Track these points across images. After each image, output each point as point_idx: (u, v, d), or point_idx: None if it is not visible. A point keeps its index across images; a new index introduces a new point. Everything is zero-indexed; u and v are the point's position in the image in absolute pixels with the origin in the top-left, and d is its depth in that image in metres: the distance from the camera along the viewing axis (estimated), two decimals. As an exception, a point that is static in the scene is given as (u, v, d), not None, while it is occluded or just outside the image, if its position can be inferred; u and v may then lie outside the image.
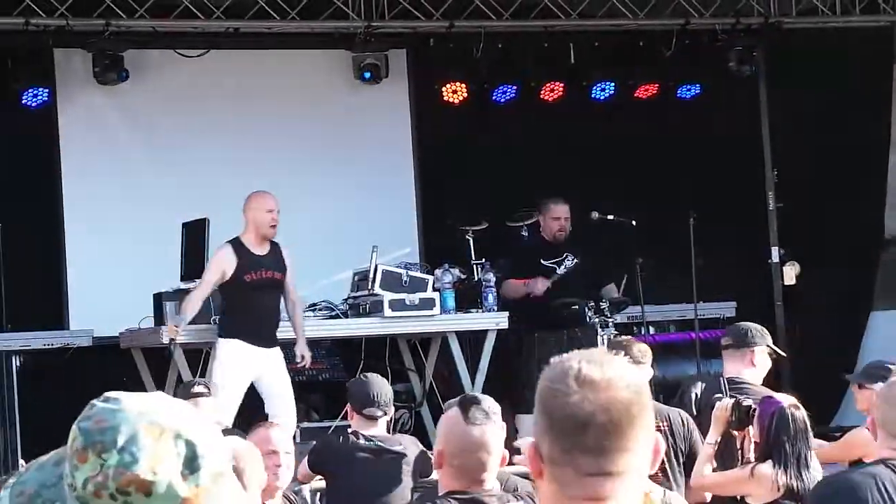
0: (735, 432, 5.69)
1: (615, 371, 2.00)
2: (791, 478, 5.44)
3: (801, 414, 5.59)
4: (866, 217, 11.55)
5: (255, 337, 8.44)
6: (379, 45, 10.62)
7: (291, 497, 5.58)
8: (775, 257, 11.24)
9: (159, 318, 8.98)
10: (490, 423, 3.86)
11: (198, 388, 6.88)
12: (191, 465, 1.53)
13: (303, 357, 8.68)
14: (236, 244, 8.51)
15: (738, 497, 5.72)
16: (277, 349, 8.57)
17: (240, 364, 8.38)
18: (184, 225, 9.35)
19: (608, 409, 1.96)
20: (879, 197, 11.61)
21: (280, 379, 8.48)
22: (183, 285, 9.08)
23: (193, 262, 9.11)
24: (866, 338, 11.13)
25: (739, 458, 5.60)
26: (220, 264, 8.47)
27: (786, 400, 5.72)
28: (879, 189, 11.60)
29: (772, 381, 7.51)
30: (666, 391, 8.35)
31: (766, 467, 5.51)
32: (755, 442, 5.59)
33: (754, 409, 5.62)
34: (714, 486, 5.81)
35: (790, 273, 11.00)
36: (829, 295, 11.13)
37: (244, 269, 8.45)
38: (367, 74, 10.59)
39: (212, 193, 10.07)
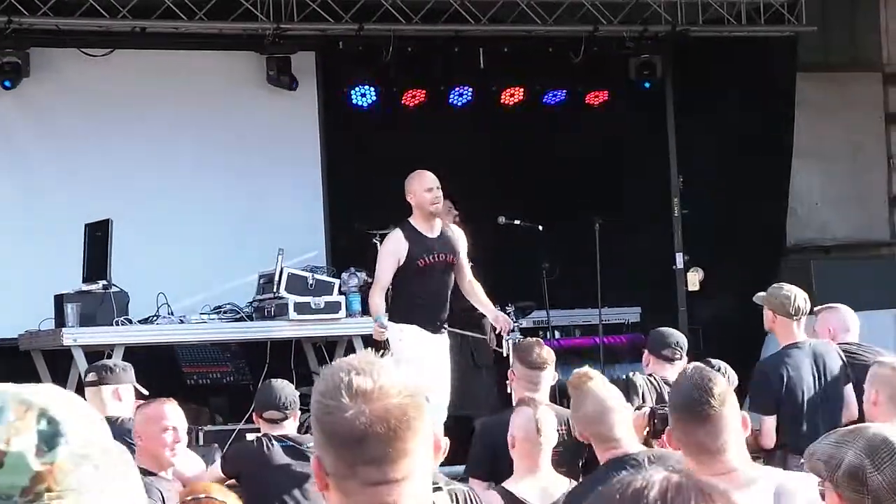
0: (654, 441, 5.73)
1: (386, 378, 1.99)
2: None
3: None
4: (769, 224, 11.71)
5: (427, 322, 8.20)
6: (288, 46, 10.58)
7: None
8: (679, 263, 11.35)
9: (60, 319, 8.86)
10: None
11: (89, 377, 6.65)
12: (49, 441, 1.53)
13: (496, 319, 8.26)
14: (407, 228, 8.24)
15: None
16: (445, 335, 8.30)
17: (421, 348, 8.08)
18: (86, 226, 9.24)
19: (385, 419, 1.97)
20: (782, 204, 11.78)
21: (444, 368, 8.23)
22: (85, 287, 8.96)
23: (96, 263, 9.00)
24: (767, 344, 11.28)
25: None
26: (395, 252, 8.19)
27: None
28: (782, 197, 11.77)
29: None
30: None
31: None
32: None
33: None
34: None
35: (694, 279, 11.12)
36: (731, 301, 11.26)
37: (416, 255, 8.16)
38: (294, 85, 10.54)
39: (116, 195, 9.97)
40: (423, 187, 8.21)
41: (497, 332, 8.33)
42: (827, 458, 2.86)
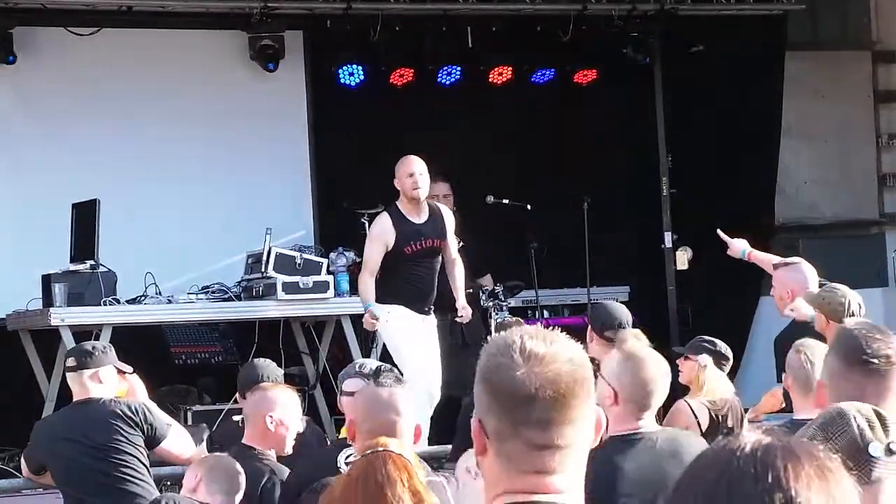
0: None
1: (557, 346, 2.02)
2: None
3: None
4: (757, 203, 11.70)
5: (414, 304, 8.25)
6: (275, 25, 10.53)
7: None
8: (668, 242, 11.34)
9: (48, 299, 8.83)
10: (399, 387, 3.87)
11: (68, 362, 6.61)
12: None
13: (464, 308, 8.34)
14: (394, 213, 8.30)
15: None
16: (433, 317, 8.35)
17: (410, 325, 8.15)
18: (74, 206, 9.21)
19: (555, 382, 1.98)
20: (770, 183, 11.77)
21: (434, 348, 8.25)
22: (72, 266, 8.94)
23: (83, 243, 8.97)
24: (756, 322, 11.30)
25: None
26: (382, 237, 8.25)
27: None
28: (771, 176, 11.77)
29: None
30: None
31: None
32: None
33: None
34: None
35: (682, 258, 11.11)
36: (720, 280, 11.26)
37: (403, 241, 8.22)
38: (271, 65, 10.50)
39: (103, 174, 9.93)
40: (406, 172, 8.26)
41: (457, 317, 8.37)
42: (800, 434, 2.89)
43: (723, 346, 6.80)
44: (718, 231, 7.63)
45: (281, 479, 5.40)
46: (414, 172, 8.24)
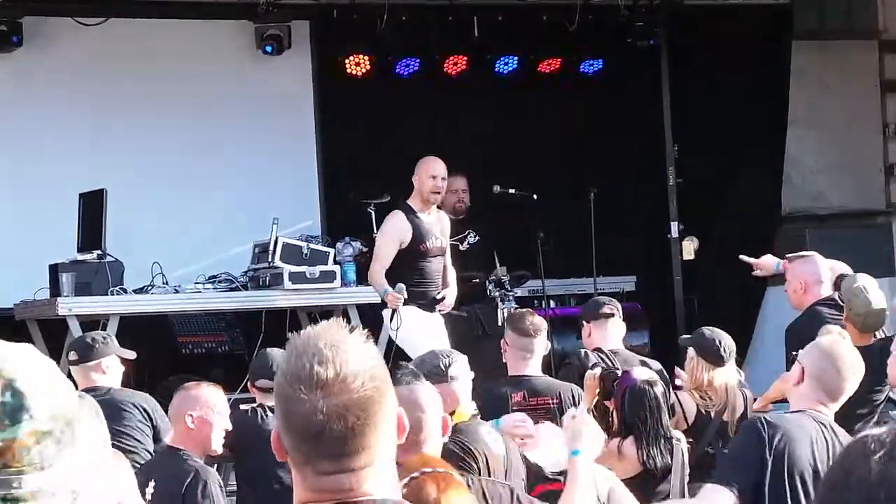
0: (606, 402, 5.76)
1: (350, 366, 1.90)
2: (648, 456, 5.51)
3: (657, 390, 5.65)
4: (764, 193, 11.70)
5: (424, 300, 8.31)
6: (282, 15, 10.54)
7: None
8: (674, 232, 11.35)
9: (55, 289, 8.85)
10: (419, 383, 3.85)
11: (71, 356, 6.67)
12: (12, 416, 1.49)
13: (445, 302, 8.39)
14: (407, 210, 8.36)
15: None
16: (438, 315, 8.41)
17: (424, 325, 8.19)
18: (81, 195, 9.22)
19: (343, 416, 1.89)
20: (777, 174, 11.77)
21: (445, 343, 8.23)
22: (80, 256, 8.96)
23: (90, 232, 8.99)
24: (762, 313, 11.29)
25: (610, 428, 5.65)
26: (397, 233, 8.31)
27: (642, 375, 5.78)
28: (777, 166, 11.76)
29: (672, 354, 7.61)
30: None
31: (629, 445, 5.56)
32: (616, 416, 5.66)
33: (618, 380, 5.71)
34: None
35: (689, 248, 11.12)
36: (726, 270, 11.26)
37: (419, 238, 8.31)
38: (269, 48, 10.51)
39: (111, 164, 9.95)
40: (429, 174, 8.33)
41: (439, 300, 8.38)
42: None
43: (718, 341, 6.54)
44: (741, 257, 7.60)
45: (206, 479, 5.35)
46: (437, 175, 8.35)
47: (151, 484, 5.35)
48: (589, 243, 10.28)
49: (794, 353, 4.76)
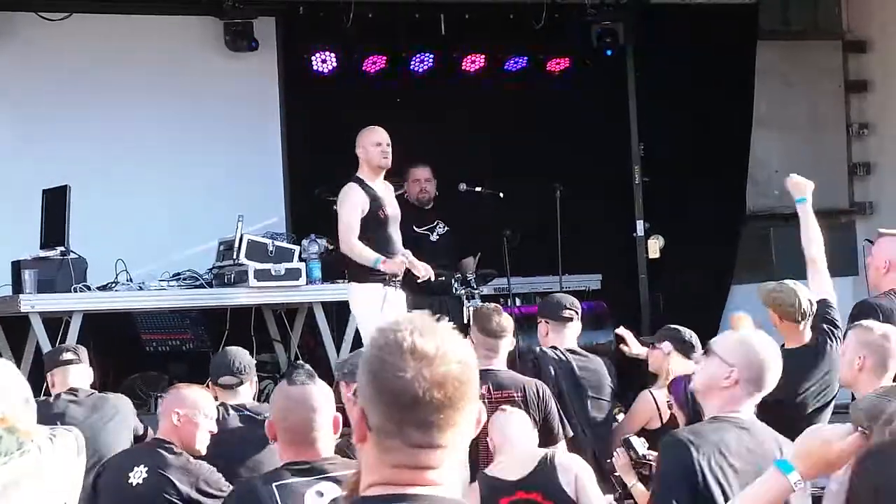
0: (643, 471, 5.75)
1: (448, 344, 2.01)
2: None
3: None
4: (729, 192, 11.75)
5: (386, 277, 8.13)
6: (248, 11, 10.50)
7: None
8: (640, 231, 11.38)
9: (17, 286, 8.79)
10: (312, 383, 3.93)
11: (67, 356, 6.82)
12: None
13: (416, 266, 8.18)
14: (359, 181, 8.28)
15: None
16: (401, 292, 8.24)
17: (384, 308, 8.00)
18: (44, 192, 9.16)
19: (442, 385, 1.98)
20: (741, 173, 11.82)
21: None
22: (42, 253, 8.89)
23: (53, 229, 8.93)
24: (727, 311, 11.33)
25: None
26: (358, 201, 8.21)
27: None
28: (742, 165, 11.81)
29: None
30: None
31: None
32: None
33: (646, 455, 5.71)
34: None
35: (654, 246, 11.15)
36: (691, 269, 11.31)
37: (376, 207, 8.21)
38: (244, 51, 10.49)
39: (74, 160, 9.89)
40: (373, 142, 8.28)
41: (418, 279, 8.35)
42: (875, 412, 2.96)
43: (688, 334, 6.81)
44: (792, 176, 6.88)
45: (198, 473, 5.56)
46: (382, 142, 8.30)
47: (140, 468, 5.56)
48: (555, 241, 10.29)
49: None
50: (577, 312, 7.06)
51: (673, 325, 6.82)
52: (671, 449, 4.09)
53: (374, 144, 8.29)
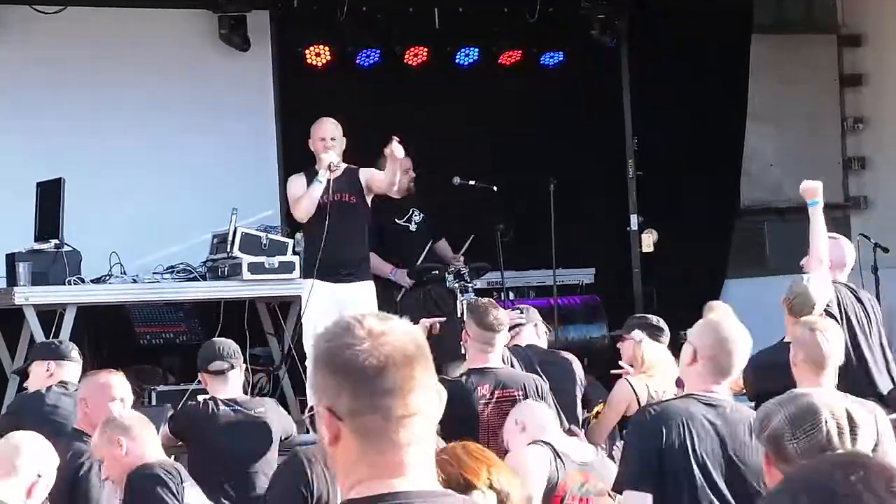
0: None
1: (393, 321, 2.10)
2: None
3: None
4: (723, 186, 11.76)
5: (328, 271, 8.12)
6: (242, 5, 10.50)
7: None
8: (634, 225, 11.39)
9: (11, 278, 8.79)
10: (112, 372, 3.97)
11: (74, 354, 6.76)
12: None
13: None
14: (307, 172, 8.38)
15: None
16: (367, 283, 8.23)
17: (321, 308, 7.98)
18: (38, 185, 9.16)
19: (399, 349, 2.04)
20: (736, 167, 11.82)
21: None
22: (37, 245, 8.90)
23: (47, 222, 8.93)
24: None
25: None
26: (300, 181, 8.30)
27: None
28: (736, 159, 11.81)
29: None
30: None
31: None
32: None
33: None
34: None
35: (648, 241, 11.16)
36: (685, 263, 11.31)
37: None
38: (238, 44, 10.49)
39: (68, 153, 9.88)
40: (318, 136, 8.39)
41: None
42: (762, 416, 2.91)
43: (655, 319, 6.94)
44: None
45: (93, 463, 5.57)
46: (326, 136, 8.39)
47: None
48: (548, 235, 10.30)
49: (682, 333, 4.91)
50: (527, 317, 7.26)
51: (639, 314, 6.97)
52: (637, 416, 4.46)
53: (319, 139, 8.41)
